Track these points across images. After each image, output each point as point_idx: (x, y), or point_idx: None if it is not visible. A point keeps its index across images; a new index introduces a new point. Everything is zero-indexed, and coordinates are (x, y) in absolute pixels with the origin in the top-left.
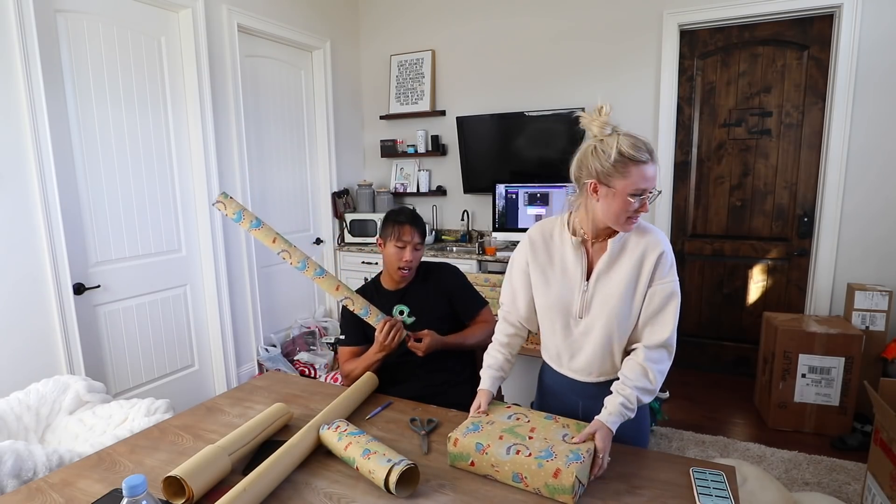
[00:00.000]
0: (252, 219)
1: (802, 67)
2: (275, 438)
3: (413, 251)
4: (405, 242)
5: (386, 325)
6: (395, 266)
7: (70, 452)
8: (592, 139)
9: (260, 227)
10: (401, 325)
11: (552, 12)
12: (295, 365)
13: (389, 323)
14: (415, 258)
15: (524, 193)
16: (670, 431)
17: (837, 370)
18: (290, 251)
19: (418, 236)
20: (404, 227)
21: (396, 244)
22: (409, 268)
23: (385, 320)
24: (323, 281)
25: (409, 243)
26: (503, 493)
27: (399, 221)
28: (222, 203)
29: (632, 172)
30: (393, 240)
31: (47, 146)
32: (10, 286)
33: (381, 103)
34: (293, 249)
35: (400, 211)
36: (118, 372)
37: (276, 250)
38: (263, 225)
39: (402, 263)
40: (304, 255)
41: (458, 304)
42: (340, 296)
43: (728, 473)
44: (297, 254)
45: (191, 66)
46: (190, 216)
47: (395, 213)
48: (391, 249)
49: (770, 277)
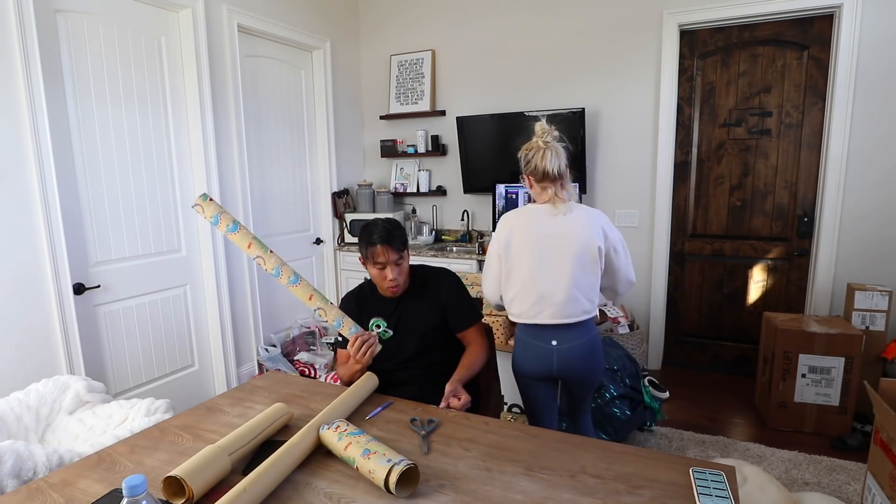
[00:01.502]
0: (229, 222)
1: (802, 67)
2: (275, 438)
3: (395, 268)
4: (382, 263)
5: (357, 339)
6: (381, 286)
7: (70, 452)
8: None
9: (237, 230)
10: (374, 339)
11: (552, 12)
12: (295, 365)
13: (361, 338)
14: (399, 273)
15: (524, 193)
16: (670, 431)
17: (837, 370)
18: (265, 257)
19: (395, 253)
20: (376, 249)
21: (375, 266)
22: (397, 284)
23: (357, 335)
24: (297, 289)
25: (388, 263)
26: (503, 493)
27: (370, 242)
28: (200, 206)
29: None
30: (370, 262)
31: (47, 146)
32: (10, 286)
33: (381, 103)
34: (268, 255)
35: (371, 229)
36: (118, 372)
37: (251, 255)
38: (241, 229)
39: (388, 283)
40: (280, 262)
41: (451, 314)
42: (314, 305)
43: (728, 473)
44: (272, 259)
45: (191, 66)
46: (190, 216)
47: (367, 234)
48: (373, 271)
49: (770, 277)
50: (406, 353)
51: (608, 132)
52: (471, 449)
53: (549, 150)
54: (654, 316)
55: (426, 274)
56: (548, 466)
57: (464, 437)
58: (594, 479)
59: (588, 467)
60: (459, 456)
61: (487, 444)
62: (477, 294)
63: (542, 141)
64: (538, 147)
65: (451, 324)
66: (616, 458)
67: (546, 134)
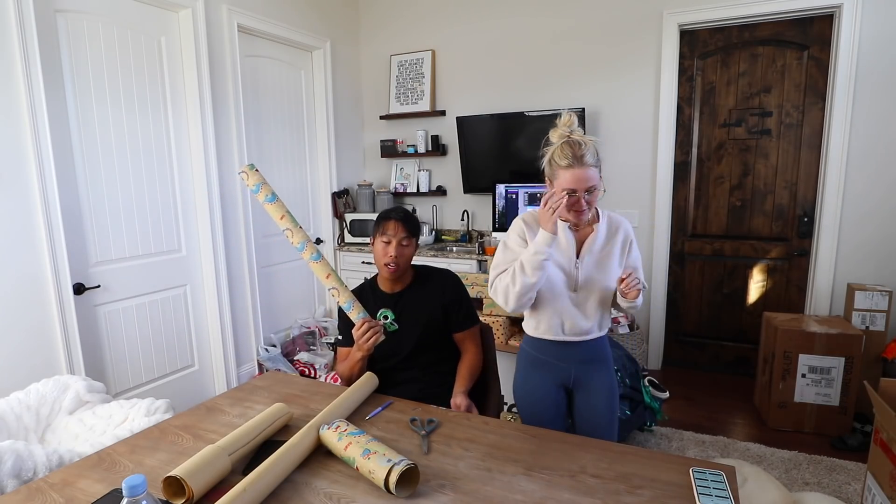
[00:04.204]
0: (269, 193)
1: (802, 67)
2: (275, 438)
3: (399, 246)
4: (390, 237)
5: (364, 324)
6: (381, 262)
7: (70, 452)
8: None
9: (274, 201)
10: (380, 328)
11: (552, 12)
12: (295, 365)
13: (368, 323)
14: (400, 254)
15: (524, 193)
16: (670, 431)
17: (837, 370)
18: (294, 230)
19: (404, 231)
20: (389, 222)
21: (382, 239)
22: (395, 263)
23: (364, 320)
24: (317, 266)
25: (394, 238)
26: (503, 493)
27: (386, 217)
28: (245, 173)
29: (560, 175)
30: (379, 234)
31: (47, 146)
32: (10, 286)
33: (381, 103)
34: (297, 229)
35: (392, 208)
36: (118, 372)
37: (282, 227)
38: (277, 200)
39: (387, 259)
40: (307, 237)
41: (453, 312)
42: (329, 284)
43: (728, 473)
44: (299, 234)
45: (191, 66)
46: (190, 216)
47: (386, 210)
48: (378, 246)
49: (770, 277)
50: (405, 350)
51: (608, 132)
52: (471, 449)
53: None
54: (654, 316)
55: (429, 272)
56: (548, 466)
57: (464, 437)
58: (594, 479)
59: (588, 467)
60: (459, 456)
61: (487, 444)
62: (477, 294)
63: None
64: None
65: (450, 323)
66: (616, 458)
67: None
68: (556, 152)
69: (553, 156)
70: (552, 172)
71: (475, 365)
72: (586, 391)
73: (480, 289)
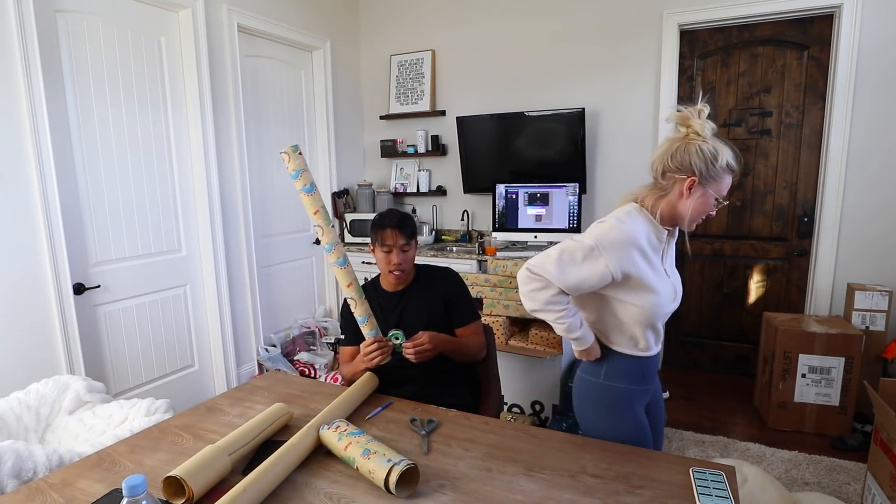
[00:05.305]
0: (307, 182)
1: (802, 67)
2: (275, 438)
3: (400, 253)
4: (389, 246)
5: (375, 342)
6: (385, 270)
7: (70, 452)
8: (695, 138)
9: (312, 192)
10: (389, 349)
11: (552, 12)
12: (295, 365)
13: (379, 343)
14: (404, 260)
15: (524, 193)
16: (670, 431)
17: (837, 370)
18: (325, 229)
19: (403, 238)
20: (385, 232)
21: (382, 249)
22: (400, 269)
23: (376, 338)
24: (341, 272)
25: (394, 246)
26: (503, 493)
27: (381, 225)
28: (287, 155)
29: (725, 181)
30: (378, 244)
31: (47, 146)
32: (10, 286)
33: (381, 103)
34: (328, 228)
35: (385, 214)
36: (118, 372)
37: (314, 222)
38: (316, 191)
39: (392, 267)
40: (337, 239)
41: (454, 309)
42: (349, 294)
43: (728, 473)
44: (330, 234)
45: (191, 65)
46: (190, 216)
47: (380, 217)
48: (379, 254)
49: (770, 277)
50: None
51: (608, 132)
52: (471, 449)
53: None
54: None
55: (431, 271)
56: (548, 466)
57: (464, 437)
58: (594, 479)
59: (588, 467)
60: (459, 456)
61: (487, 444)
62: (477, 294)
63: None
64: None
65: (453, 317)
66: (616, 458)
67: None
68: (729, 154)
69: (726, 157)
70: (715, 173)
71: (472, 345)
72: (656, 399)
73: (480, 289)
